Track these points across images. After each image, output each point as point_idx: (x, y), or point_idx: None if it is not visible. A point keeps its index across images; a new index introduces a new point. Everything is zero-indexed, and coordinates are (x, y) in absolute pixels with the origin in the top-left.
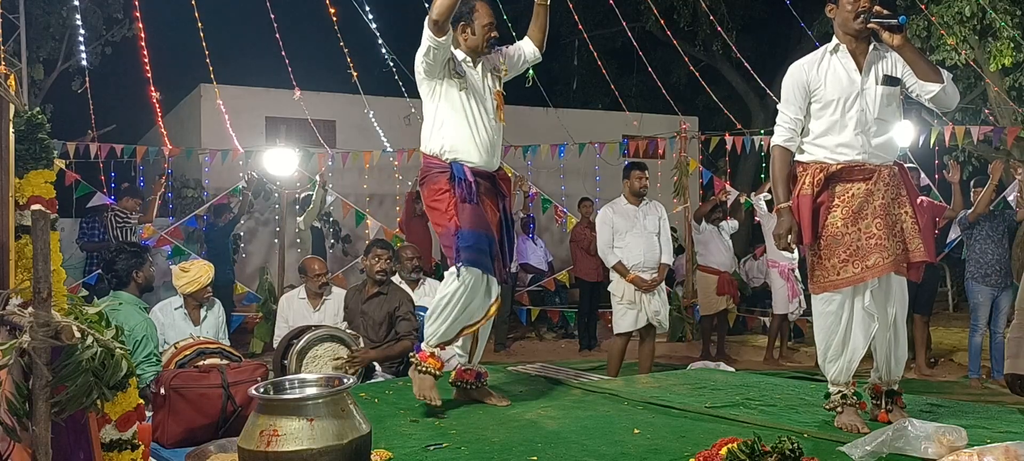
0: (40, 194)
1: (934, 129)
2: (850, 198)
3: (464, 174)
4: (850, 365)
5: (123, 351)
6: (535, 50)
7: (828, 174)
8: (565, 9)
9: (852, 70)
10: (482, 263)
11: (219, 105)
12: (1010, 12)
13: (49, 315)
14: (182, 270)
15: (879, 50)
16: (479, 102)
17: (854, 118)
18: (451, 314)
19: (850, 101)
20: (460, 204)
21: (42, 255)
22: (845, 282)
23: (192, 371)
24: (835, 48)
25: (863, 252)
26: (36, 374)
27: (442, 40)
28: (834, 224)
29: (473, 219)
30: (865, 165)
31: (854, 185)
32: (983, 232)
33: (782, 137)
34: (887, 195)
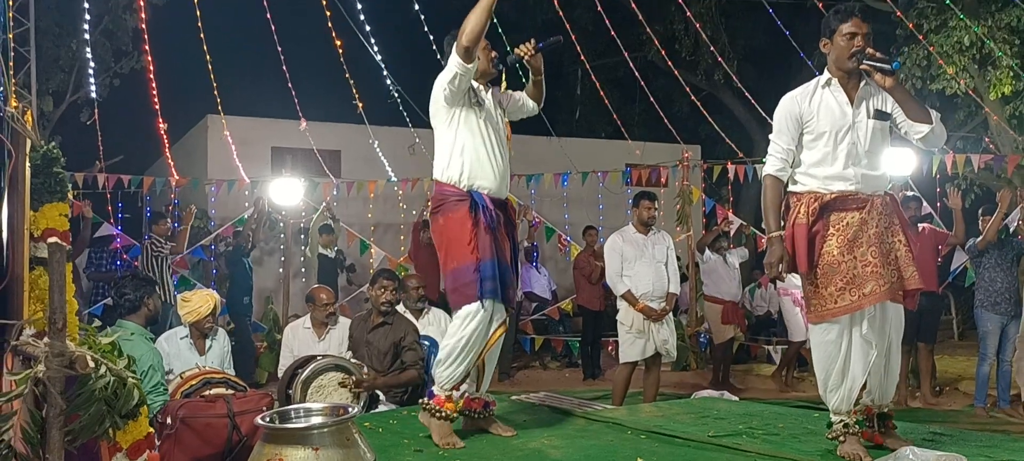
0: (54, 226)
1: (935, 157)
2: (845, 227)
3: (485, 203)
4: (850, 394)
5: (135, 380)
6: (534, 106)
7: (822, 203)
8: (568, 40)
9: (844, 103)
10: (498, 293)
11: (226, 136)
12: (1009, 41)
13: (64, 345)
14: (184, 300)
15: (870, 85)
16: (495, 130)
17: (846, 150)
18: (469, 355)
19: (842, 133)
20: (483, 235)
21: (58, 286)
22: (843, 310)
23: (198, 401)
24: (827, 82)
25: (859, 280)
26: (50, 403)
27: (470, 67)
28: (830, 252)
29: (493, 249)
30: (858, 195)
31: (848, 214)
32: (992, 260)
33: (774, 167)
34: (881, 224)
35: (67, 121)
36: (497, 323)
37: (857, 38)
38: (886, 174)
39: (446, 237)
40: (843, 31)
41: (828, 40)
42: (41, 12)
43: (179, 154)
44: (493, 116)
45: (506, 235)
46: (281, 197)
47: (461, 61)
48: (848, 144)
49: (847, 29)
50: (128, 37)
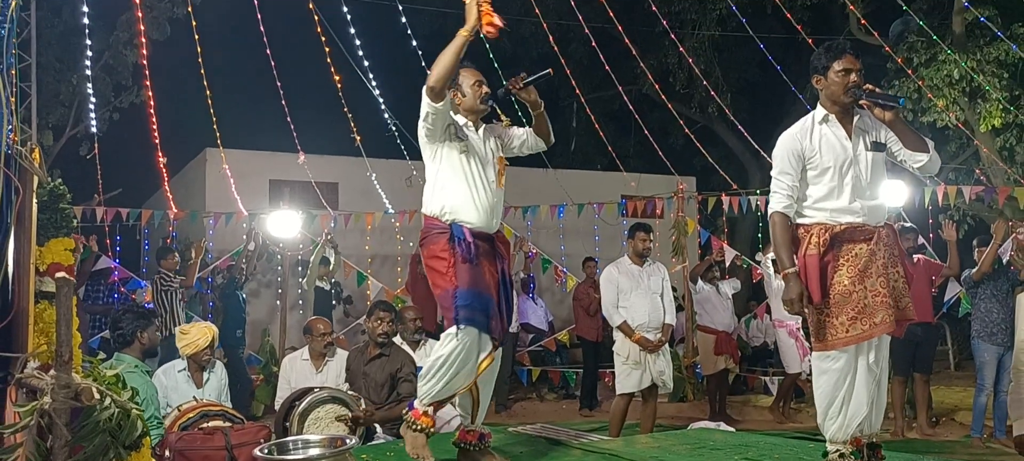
0: (60, 261)
1: (927, 189)
2: (854, 257)
3: (463, 235)
4: (851, 423)
5: (138, 412)
6: (538, 141)
7: (833, 235)
8: (562, 73)
9: (843, 138)
10: (478, 322)
11: (224, 169)
12: (998, 75)
13: (70, 377)
14: (182, 333)
15: (864, 118)
16: (480, 165)
17: (850, 184)
18: (447, 374)
19: (845, 167)
20: (460, 264)
21: (65, 320)
22: (854, 339)
23: (196, 433)
24: (824, 118)
25: (870, 310)
26: (55, 434)
27: (440, 106)
28: (842, 282)
29: (471, 279)
30: (865, 226)
31: (857, 245)
32: (987, 291)
33: (781, 204)
34: (886, 254)
35: (66, 155)
36: (483, 354)
37: (851, 75)
38: (885, 204)
39: (430, 266)
40: (837, 68)
41: (821, 76)
42: (42, 47)
43: (177, 187)
44: (480, 151)
45: (495, 268)
46: (279, 229)
47: (430, 101)
48: (852, 178)
49: (841, 66)
50: (128, 72)
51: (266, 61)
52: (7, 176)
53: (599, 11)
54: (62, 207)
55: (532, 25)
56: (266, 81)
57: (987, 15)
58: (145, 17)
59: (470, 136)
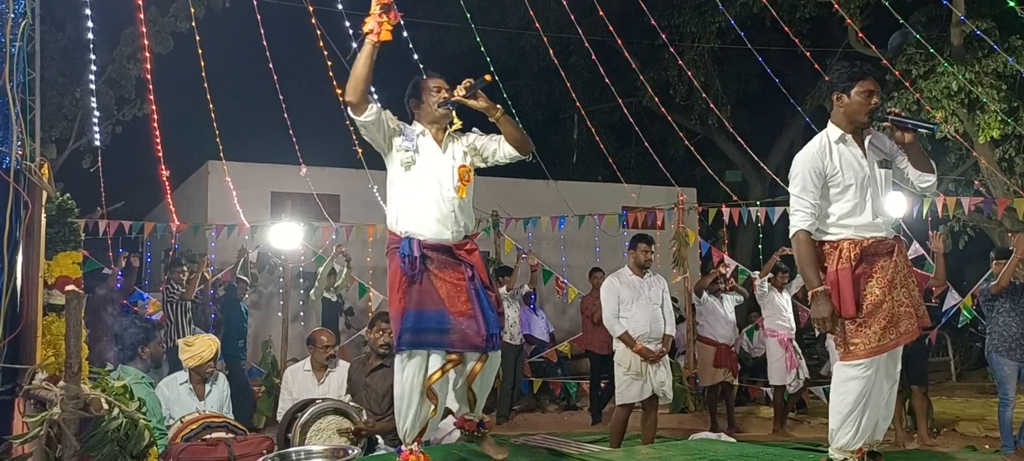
0: (68, 274)
1: (926, 200)
2: (882, 269)
3: (410, 249)
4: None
5: (145, 422)
6: (512, 151)
7: (862, 248)
8: (563, 85)
9: (860, 157)
10: (425, 343)
11: (227, 181)
12: (996, 87)
13: (79, 388)
14: (186, 344)
15: (872, 135)
16: (433, 174)
17: (871, 199)
18: (407, 403)
19: (865, 184)
20: (403, 285)
21: (74, 332)
22: (886, 348)
23: (199, 444)
24: (841, 137)
25: (897, 319)
26: (65, 444)
27: (362, 119)
28: (874, 293)
29: (415, 299)
30: (886, 240)
31: (883, 258)
32: (1006, 306)
33: (805, 222)
34: (905, 267)
35: (69, 168)
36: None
37: (874, 97)
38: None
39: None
40: (861, 89)
41: (843, 94)
42: (45, 62)
43: (180, 199)
44: (434, 160)
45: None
46: (280, 241)
47: (353, 115)
48: (871, 194)
49: (865, 87)
50: (131, 85)
51: (268, 74)
52: (16, 191)
53: (599, 24)
54: (70, 221)
55: (532, 38)
56: (268, 94)
57: (985, 28)
58: (148, 31)
59: (423, 145)
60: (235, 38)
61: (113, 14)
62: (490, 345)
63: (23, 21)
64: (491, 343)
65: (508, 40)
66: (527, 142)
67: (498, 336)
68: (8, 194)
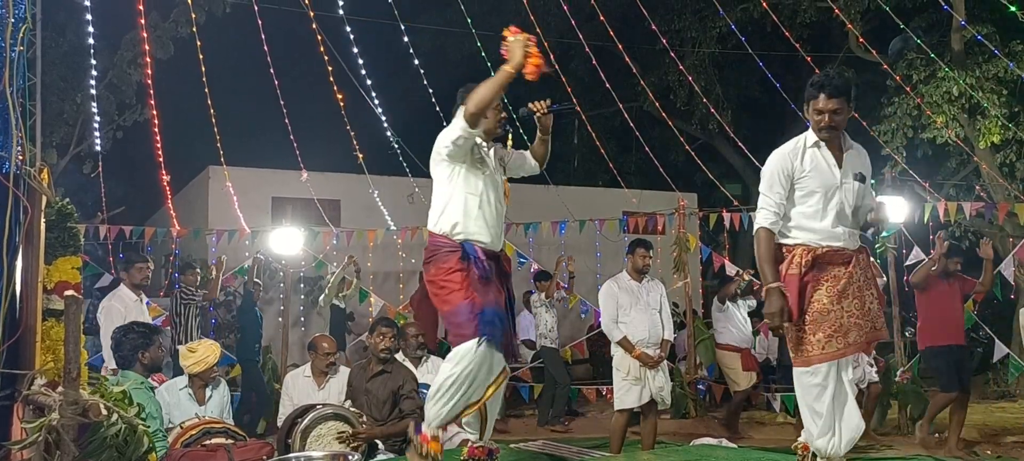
0: (67, 279)
1: (927, 205)
2: (834, 279)
3: (477, 253)
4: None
5: (144, 428)
6: (536, 165)
7: (814, 256)
8: (564, 90)
9: (833, 165)
10: (496, 338)
11: (227, 187)
12: (996, 92)
13: (78, 394)
14: (189, 350)
15: (853, 149)
16: (493, 186)
17: (835, 209)
18: (458, 394)
19: (831, 193)
20: (476, 282)
21: (73, 338)
22: (830, 356)
23: (199, 450)
24: (816, 143)
25: (845, 329)
26: (63, 450)
27: (475, 132)
28: (820, 301)
29: (489, 296)
30: (844, 250)
31: (837, 268)
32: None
33: (767, 220)
34: (862, 278)
35: (70, 173)
36: (496, 371)
37: (824, 116)
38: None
39: (439, 284)
40: (814, 106)
41: (806, 105)
42: (46, 67)
43: (180, 204)
44: (493, 173)
45: (500, 287)
46: (281, 247)
47: (466, 126)
48: (837, 203)
49: (817, 106)
50: (132, 91)
51: (269, 79)
52: (16, 196)
53: (600, 29)
54: (69, 226)
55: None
56: (269, 99)
57: (985, 33)
58: (149, 36)
59: (486, 158)
60: (236, 43)
61: (114, 19)
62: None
63: (24, 26)
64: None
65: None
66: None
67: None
68: (8, 199)
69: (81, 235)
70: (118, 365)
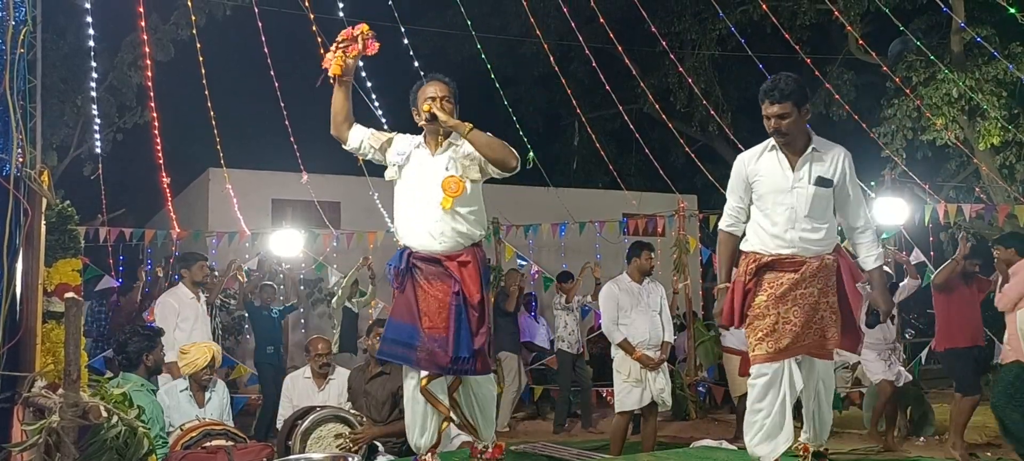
0: (67, 281)
1: (927, 207)
2: (777, 285)
3: (400, 260)
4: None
5: (144, 430)
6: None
7: (759, 265)
8: (564, 92)
9: (786, 167)
10: (394, 354)
11: (227, 189)
12: (996, 94)
13: (78, 396)
14: (183, 352)
15: (818, 151)
16: (421, 185)
17: (785, 213)
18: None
19: (780, 197)
20: (396, 294)
21: (74, 340)
22: (764, 358)
23: (199, 452)
24: (773, 146)
25: (778, 335)
26: (63, 452)
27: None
28: (759, 305)
29: (396, 309)
30: (794, 257)
31: (784, 274)
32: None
33: (725, 223)
34: (813, 286)
35: (70, 175)
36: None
37: (771, 122)
38: (829, 237)
39: None
40: (763, 112)
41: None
42: (46, 69)
43: (180, 206)
44: (425, 171)
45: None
46: (281, 248)
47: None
48: (787, 207)
49: (764, 111)
50: (132, 93)
51: (269, 81)
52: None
53: (600, 31)
54: (70, 228)
55: (533, 45)
56: (269, 101)
57: (984, 35)
58: (150, 39)
59: (415, 155)
60: (236, 45)
61: (114, 21)
62: (457, 367)
63: (24, 28)
64: (459, 365)
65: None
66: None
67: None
68: (8, 201)
69: (81, 237)
70: (123, 367)
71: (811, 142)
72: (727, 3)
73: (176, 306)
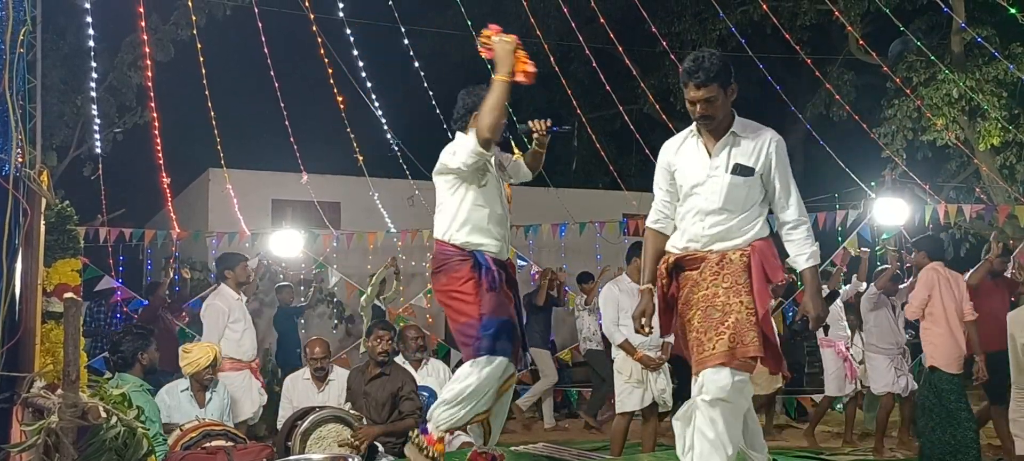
0: (67, 281)
1: (928, 207)
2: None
3: (487, 263)
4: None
5: (144, 430)
6: (529, 173)
7: (669, 265)
8: (564, 93)
9: (704, 155)
10: (507, 351)
11: (227, 189)
12: (996, 94)
13: (77, 396)
14: (185, 351)
15: (739, 136)
16: (498, 193)
17: (697, 205)
18: (468, 405)
19: (695, 187)
20: (486, 293)
21: (73, 340)
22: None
23: (199, 453)
24: (696, 132)
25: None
26: (62, 453)
27: (488, 153)
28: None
29: (499, 306)
30: (696, 254)
31: (690, 273)
32: None
33: (651, 219)
34: (714, 284)
35: (70, 175)
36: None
37: (695, 107)
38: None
39: (451, 295)
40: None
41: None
42: (47, 69)
43: (180, 207)
44: (497, 179)
45: (509, 294)
46: (281, 249)
47: (480, 149)
48: (699, 199)
49: (687, 96)
50: (132, 93)
51: (269, 82)
52: (15, 198)
53: (600, 32)
54: (69, 229)
55: (533, 45)
56: (269, 101)
57: (985, 35)
58: (150, 39)
59: (489, 164)
60: (236, 46)
61: (114, 21)
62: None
63: (24, 28)
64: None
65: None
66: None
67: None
68: (8, 201)
69: (81, 238)
70: (118, 367)
71: (736, 128)
72: (727, 3)
73: (225, 309)
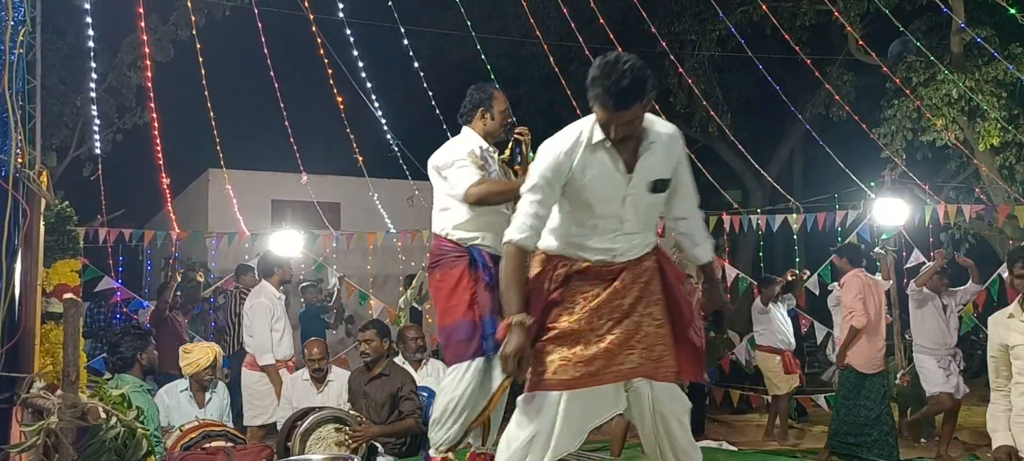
0: (66, 282)
1: (927, 208)
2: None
3: (485, 259)
4: None
5: (144, 431)
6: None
7: (569, 272)
8: (564, 93)
9: (621, 170)
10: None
11: (227, 189)
12: (996, 94)
13: (77, 397)
14: (185, 352)
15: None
16: None
17: (611, 225)
18: (462, 415)
19: (610, 205)
20: (483, 292)
21: (72, 340)
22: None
23: (198, 453)
24: (602, 141)
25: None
26: (62, 453)
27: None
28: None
29: (492, 306)
30: (612, 265)
31: (599, 285)
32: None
33: (521, 233)
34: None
35: (70, 176)
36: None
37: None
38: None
39: (443, 293)
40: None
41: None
42: (46, 69)
43: (180, 207)
44: (497, 175)
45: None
46: (281, 249)
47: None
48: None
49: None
50: (132, 93)
51: (269, 82)
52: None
53: (600, 32)
54: (69, 229)
55: (533, 46)
56: (269, 102)
57: (984, 35)
58: (149, 39)
59: (491, 161)
60: (236, 46)
61: (114, 22)
62: None
63: (23, 29)
64: None
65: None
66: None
67: None
68: (7, 202)
69: (81, 238)
70: (117, 367)
71: (647, 133)
72: (727, 4)
73: (270, 307)
